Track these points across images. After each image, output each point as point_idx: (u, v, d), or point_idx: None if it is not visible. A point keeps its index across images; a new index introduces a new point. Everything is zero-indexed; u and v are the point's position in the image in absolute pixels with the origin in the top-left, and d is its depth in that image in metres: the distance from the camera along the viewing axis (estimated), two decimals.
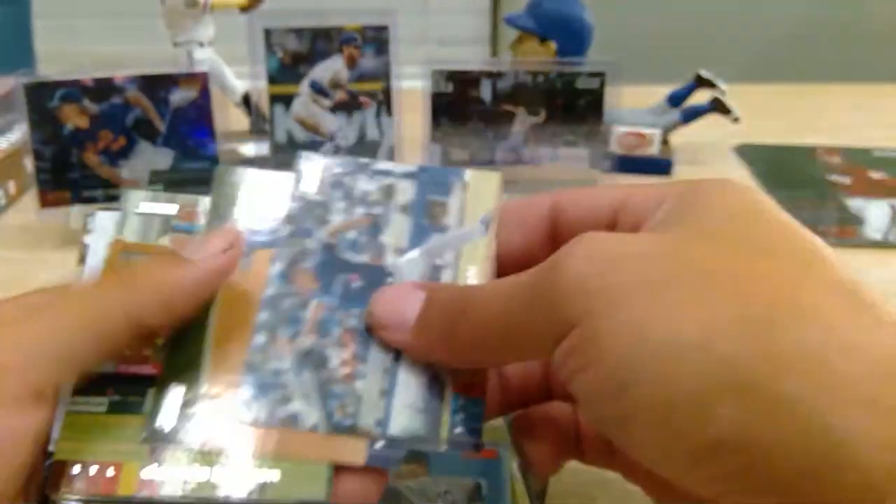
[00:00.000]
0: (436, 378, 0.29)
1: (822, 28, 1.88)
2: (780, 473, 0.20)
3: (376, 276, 0.30)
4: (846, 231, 0.71)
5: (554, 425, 0.33)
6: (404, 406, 0.28)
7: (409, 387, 0.29)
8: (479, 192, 0.32)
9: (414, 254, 0.31)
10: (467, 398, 0.29)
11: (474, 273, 0.31)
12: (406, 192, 0.32)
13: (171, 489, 0.26)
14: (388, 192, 0.32)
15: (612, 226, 0.28)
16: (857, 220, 0.73)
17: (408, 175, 0.32)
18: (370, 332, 0.29)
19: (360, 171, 0.32)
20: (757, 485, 0.20)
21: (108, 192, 0.67)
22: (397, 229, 0.31)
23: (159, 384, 0.28)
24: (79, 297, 0.26)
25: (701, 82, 0.86)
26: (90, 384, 0.27)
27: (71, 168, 0.66)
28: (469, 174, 0.33)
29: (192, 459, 0.26)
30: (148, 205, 0.31)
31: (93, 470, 0.25)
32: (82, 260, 0.31)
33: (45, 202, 0.66)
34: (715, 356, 0.20)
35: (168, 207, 0.31)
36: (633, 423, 0.22)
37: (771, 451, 0.20)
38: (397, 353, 0.29)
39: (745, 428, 0.20)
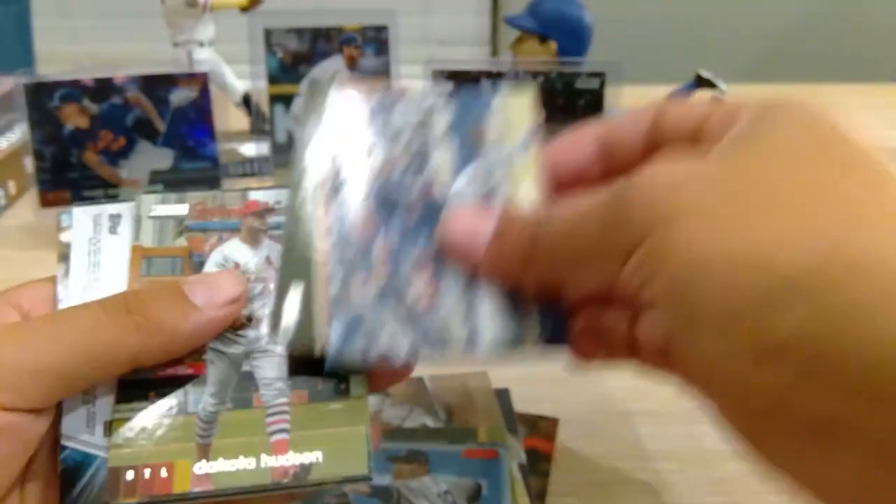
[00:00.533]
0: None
1: (822, 28, 1.89)
2: (844, 370, 0.20)
3: (432, 210, 0.31)
4: None
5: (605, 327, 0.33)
6: (490, 318, 0.29)
7: (490, 298, 0.29)
8: (515, 111, 0.33)
9: (462, 180, 0.31)
10: (547, 304, 0.30)
11: (528, 188, 0.31)
12: (443, 119, 0.32)
13: (222, 481, 0.26)
14: (426, 121, 0.32)
15: (696, 138, 0.28)
16: None
17: (443, 99, 0.33)
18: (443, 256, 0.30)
19: (397, 100, 0.32)
20: (820, 382, 0.20)
21: (108, 192, 0.67)
22: (442, 159, 0.31)
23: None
24: (90, 324, 0.26)
25: (701, 82, 0.86)
26: (130, 391, 0.28)
27: (71, 168, 0.66)
28: (502, 93, 0.33)
29: (238, 450, 0.27)
30: (160, 207, 0.31)
31: (146, 472, 0.26)
32: (64, 258, 0.30)
33: (45, 202, 0.66)
34: (782, 264, 0.21)
35: (179, 208, 0.32)
36: (696, 328, 0.22)
37: (835, 352, 0.20)
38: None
39: (809, 332, 0.20)
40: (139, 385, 0.28)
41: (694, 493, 0.43)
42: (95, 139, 0.66)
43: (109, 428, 0.27)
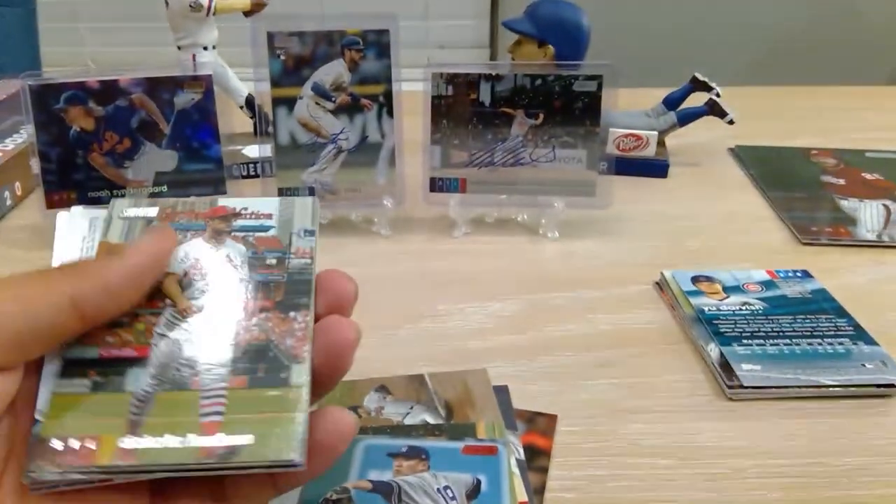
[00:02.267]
0: None
1: (816, 31, 1.89)
2: None
3: None
4: (840, 231, 0.72)
5: None
6: None
7: None
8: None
9: None
10: None
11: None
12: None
13: (146, 457, 0.27)
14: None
15: None
16: (850, 221, 0.74)
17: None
18: None
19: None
20: None
21: (113, 194, 0.68)
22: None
23: None
24: (22, 282, 0.27)
25: (697, 85, 0.87)
26: (73, 368, 0.29)
27: (76, 169, 0.67)
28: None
29: (166, 429, 0.28)
30: (132, 210, 0.34)
31: (74, 444, 0.27)
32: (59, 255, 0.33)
33: (51, 203, 0.67)
34: None
35: (149, 210, 0.34)
36: None
37: None
38: None
39: None
40: (82, 363, 0.29)
41: (689, 489, 0.43)
42: (101, 141, 0.67)
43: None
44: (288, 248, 0.34)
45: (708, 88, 0.87)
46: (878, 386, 0.51)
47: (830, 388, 0.50)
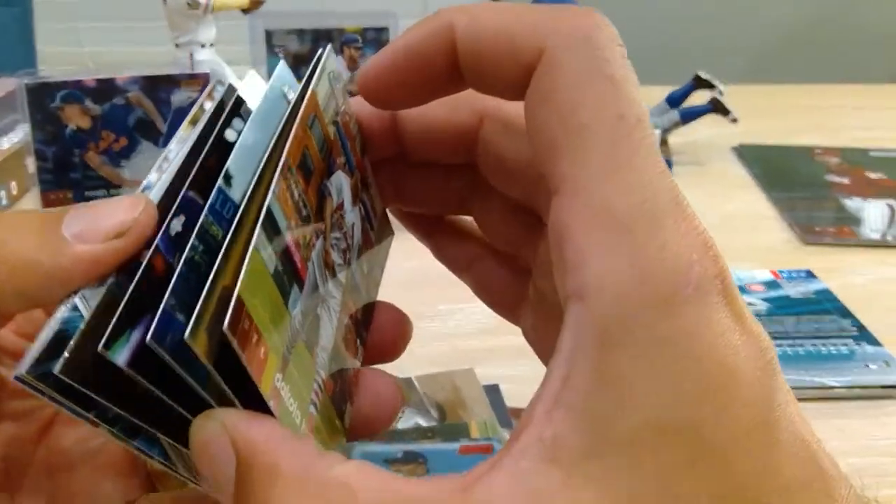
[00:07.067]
0: None
1: (820, 29, 1.89)
2: None
3: None
4: (844, 231, 0.71)
5: None
6: None
7: None
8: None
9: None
10: None
11: None
12: None
13: (281, 418, 0.20)
14: None
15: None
16: (854, 220, 0.73)
17: None
18: None
19: None
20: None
21: (110, 193, 0.67)
22: None
23: None
24: None
25: (699, 83, 0.87)
26: (272, 228, 0.20)
27: (73, 168, 0.66)
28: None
29: (294, 395, 0.21)
30: (334, 78, 0.25)
31: (255, 338, 0.19)
32: (194, 122, 0.24)
33: (47, 202, 0.67)
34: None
35: (340, 92, 0.25)
36: None
37: None
38: None
39: None
40: (277, 230, 0.20)
41: None
42: (97, 139, 0.67)
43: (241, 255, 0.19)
44: (371, 270, 0.28)
45: (711, 87, 0.86)
46: (883, 387, 0.50)
47: (834, 389, 0.50)
